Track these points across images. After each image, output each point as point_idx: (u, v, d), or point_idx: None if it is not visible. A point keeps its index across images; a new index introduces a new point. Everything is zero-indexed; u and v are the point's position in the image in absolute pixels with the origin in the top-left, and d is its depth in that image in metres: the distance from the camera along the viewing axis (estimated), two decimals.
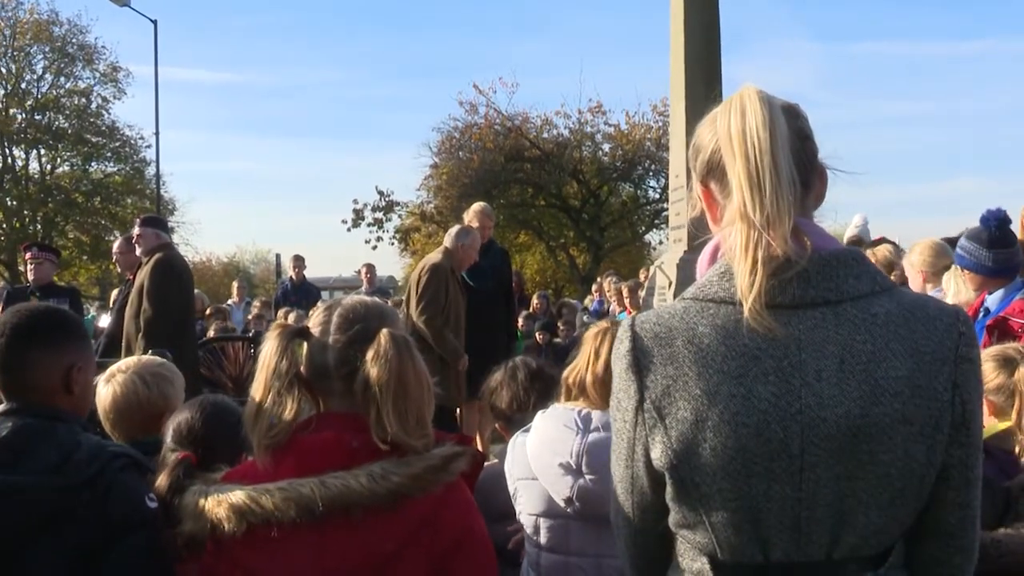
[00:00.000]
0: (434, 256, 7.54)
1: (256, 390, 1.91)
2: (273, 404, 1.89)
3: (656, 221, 29.16)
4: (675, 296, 7.86)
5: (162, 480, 2.12)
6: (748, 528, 1.48)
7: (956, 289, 4.55)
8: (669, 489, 1.54)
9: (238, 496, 1.84)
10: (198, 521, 1.88)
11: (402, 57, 71.86)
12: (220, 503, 1.85)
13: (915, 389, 1.44)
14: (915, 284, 5.05)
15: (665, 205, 26.82)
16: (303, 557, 1.86)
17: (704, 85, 8.15)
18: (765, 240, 1.44)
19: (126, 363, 2.94)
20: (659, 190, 28.15)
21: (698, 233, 1.69)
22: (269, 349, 1.93)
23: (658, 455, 1.52)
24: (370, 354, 1.91)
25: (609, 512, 1.75)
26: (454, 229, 7.84)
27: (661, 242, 29.17)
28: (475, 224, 8.10)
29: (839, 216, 8.64)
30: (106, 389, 2.83)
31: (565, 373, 2.85)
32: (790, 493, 1.45)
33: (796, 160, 1.49)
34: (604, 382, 2.67)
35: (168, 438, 2.53)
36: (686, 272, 7.68)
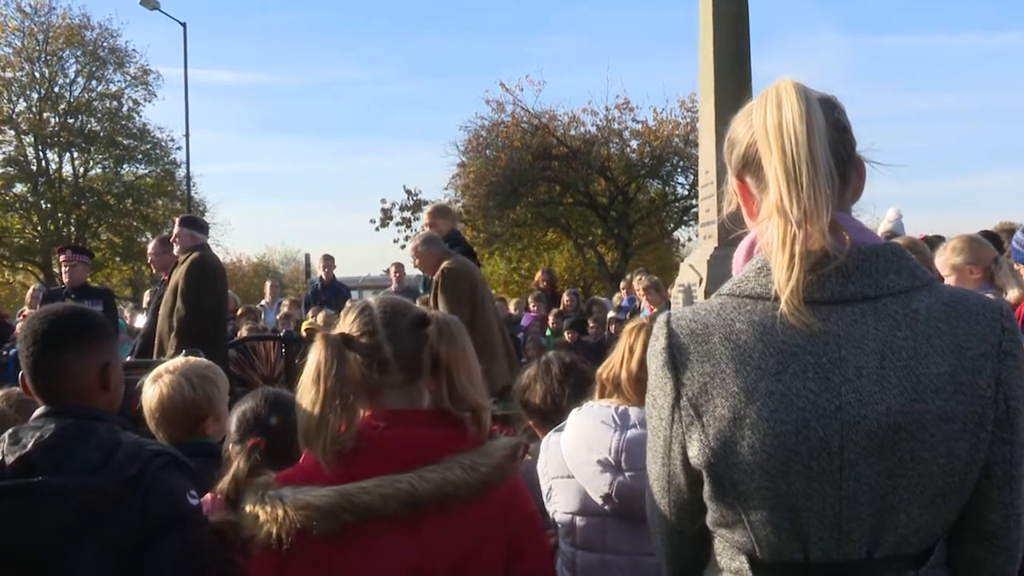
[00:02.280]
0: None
1: (312, 400, 1.93)
2: (336, 410, 1.92)
3: (685, 218, 28.98)
4: (705, 293, 7.84)
5: (240, 465, 2.13)
6: (787, 527, 1.46)
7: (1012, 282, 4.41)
8: (706, 487, 1.52)
9: (326, 496, 1.87)
10: (259, 529, 1.90)
11: (429, 56, 71.94)
12: (301, 506, 1.87)
13: (957, 386, 1.41)
14: (951, 283, 4.96)
15: (694, 202, 26.71)
16: (398, 551, 1.92)
17: (733, 80, 8.09)
18: (802, 235, 1.42)
19: (173, 363, 2.96)
20: (687, 187, 27.99)
21: (733, 228, 1.67)
22: (321, 357, 1.95)
23: (695, 453, 1.51)
24: (434, 334, 2.03)
25: (642, 510, 1.75)
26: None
27: (690, 239, 29.03)
28: (428, 227, 7.93)
29: (877, 210, 8.55)
30: (153, 389, 2.86)
31: (600, 370, 2.84)
32: (830, 491, 1.43)
33: (834, 153, 1.47)
34: (639, 379, 2.66)
35: (232, 427, 2.57)
36: (717, 268, 7.63)
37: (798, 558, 1.48)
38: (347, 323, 2.06)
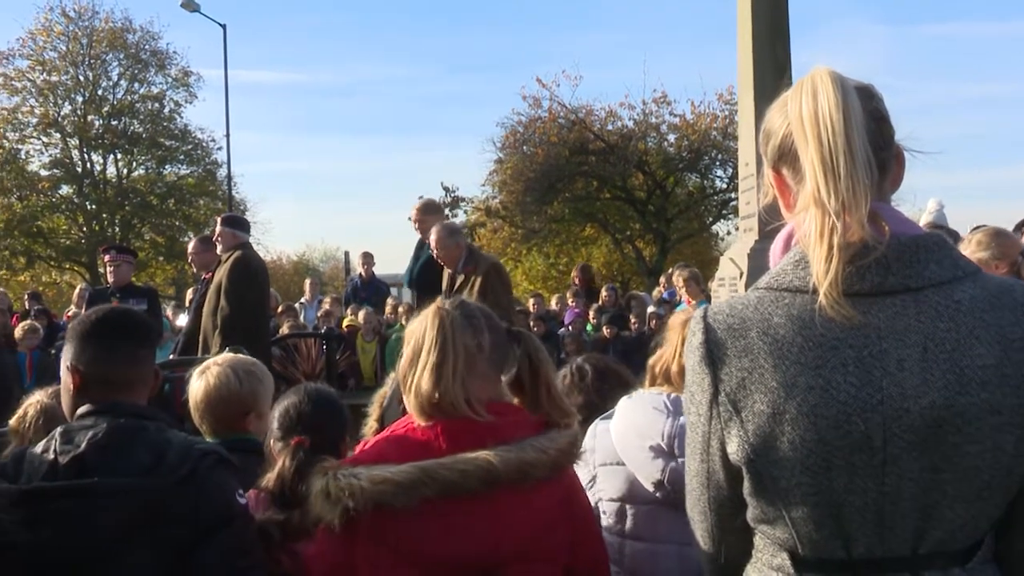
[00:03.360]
0: None
1: (434, 368, 2.03)
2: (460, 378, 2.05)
3: (724, 211, 28.75)
4: (746, 286, 7.77)
5: (286, 463, 2.17)
6: (829, 523, 1.44)
7: None
8: (747, 483, 1.51)
9: (405, 471, 1.93)
10: (333, 504, 1.95)
11: (465, 52, 72.12)
12: (379, 480, 1.93)
13: (1003, 378, 1.39)
14: None
15: (733, 195, 26.50)
16: (474, 528, 1.98)
17: (772, 71, 8.01)
18: (841, 226, 1.40)
19: (221, 358, 3.01)
20: (726, 180, 27.76)
21: (770, 220, 1.66)
22: (444, 325, 2.07)
23: (734, 449, 1.49)
24: (527, 344, 2.20)
25: None
26: None
27: (729, 232, 28.79)
28: (415, 223, 7.68)
29: (917, 200, 8.42)
30: (200, 381, 2.90)
31: (651, 361, 2.84)
32: (872, 487, 1.41)
33: (871, 142, 1.45)
34: None
35: (274, 424, 2.60)
36: (757, 262, 7.56)
37: (840, 555, 1.46)
38: (459, 321, 2.13)
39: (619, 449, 2.75)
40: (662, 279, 14.19)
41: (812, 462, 1.42)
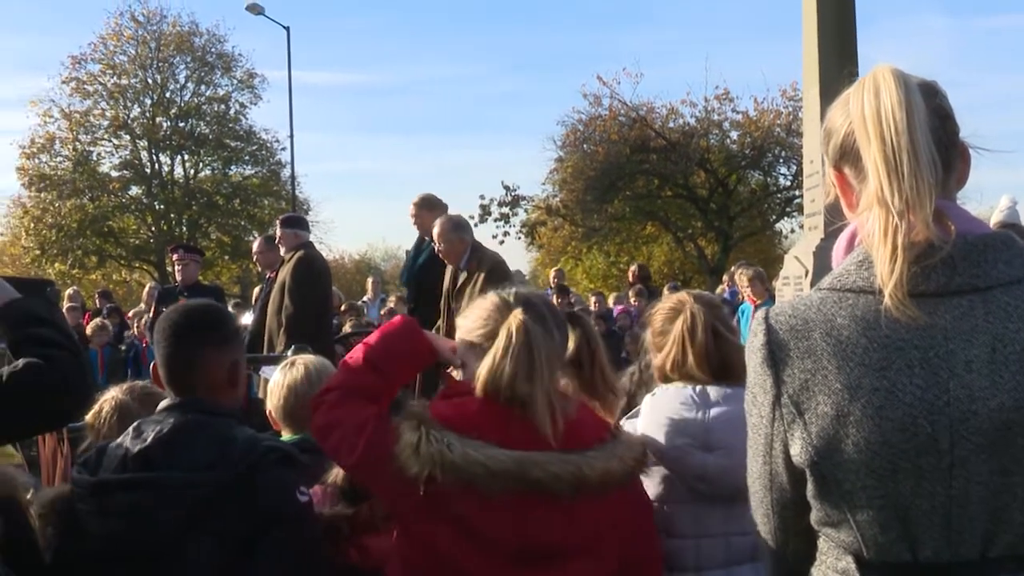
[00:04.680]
0: None
1: (525, 372, 2.04)
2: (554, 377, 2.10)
3: (787, 209, 28.40)
4: (812, 285, 7.66)
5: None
6: (895, 526, 1.42)
7: None
8: (810, 486, 1.49)
9: (502, 462, 1.96)
10: (420, 464, 1.96)
11: (526, 51, 72.23)
12: (473, 462, 1.95)
13: None
14: None
15: (797, 192, 26.13)
16: (550, 524, 2.02)
17: (838, 67, 7.88)
18: (905, 225, 1.38)
19: (303, 357, 3.07)
20: (790, 177, 27.40)
21: (833, 220, 1.64)
22: (532, 327, 2.09)
23: (798, 451, 1.48)
24: (585, 327, 2.27)
25: (737, 488, 1.75)
26: None
27: (793, 230, 28.45)
28: (412, 218, 7.43)
29: (984, 198, 8.21)
30: (282, 378, 2.95)
31: (659, 361, 2.77)
32: (940, 490, 1.39)
33: (935, 140, 1.42)
34: (708, 358, 2.64)
35: None
36: (823, 260, 7.46)
37: (907, 558, 1.44)
38: (533, 313, 2.16)
39: (651, 449, 2.73)
40: (725, 278, 14.08)
41: (877, 465, 1.40)
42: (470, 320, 2.23)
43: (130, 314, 13.63)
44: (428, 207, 7.26)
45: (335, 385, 2.19)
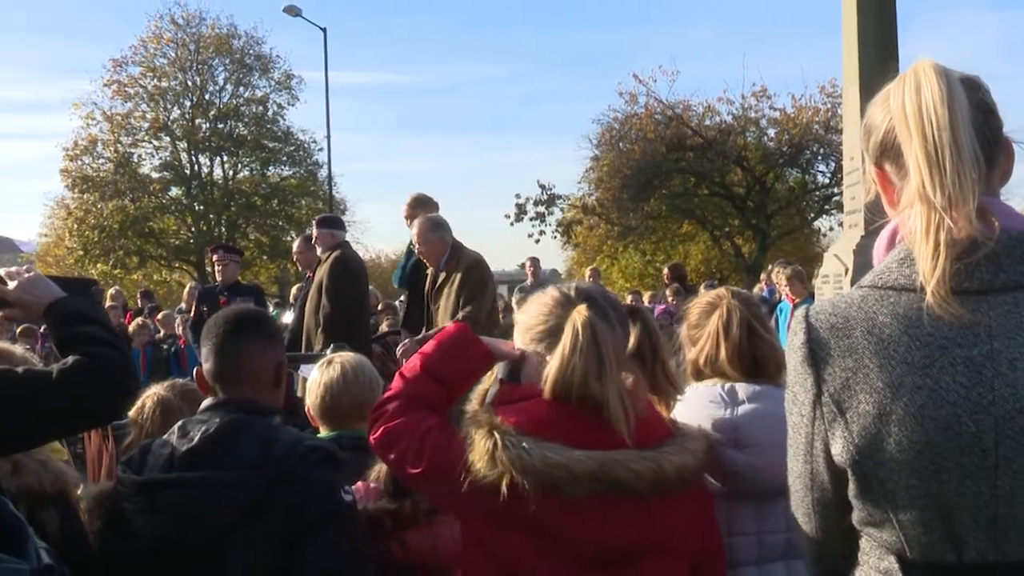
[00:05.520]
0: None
1: (595, 372, 2.01)
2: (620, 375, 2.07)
3: (826, 207, 28.11)
4: (852, 283, 7.58)
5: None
6: (939, 526, 1.41)
7: None
8: (852, 486, 1.48)
9: (583, 462, 1.92)
10: (498, 471, 1.92)
11: (560, 50, 72.14)
12: (554, 464, 1.91)
13: None
14: None
15: (836, 190, 25.88)
16: (628, 524, 1.98)
17: (879, 62, 7.80)
18: (948, 222, 1.37)
19: (340, 355, 3.09)
20: (828, 174, 27.15)
21: (873, 218, 1.63)
22: (599, 327, 2.05)
23: (839, 450, 1.47)
24: (646, 321, 2.25)
25: (768, 486, 1.74)
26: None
27: (832, 228, 28.18)
28: (405, 218, 7.20)
29: None
30: (320, 376, 2.98)
31: (692, 356, 2.77)
32: (984, 490, 1.37)
33: (978, 135, 1.41)
34: (741, 355, 2.63)
35: None
36: (863, 258, 7.39)
37: (951, 559, 1.42)
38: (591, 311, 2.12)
39: None
40: (762, 276, 13.96)
41: (920, 464, 1.39)
42: (530, 316, 2.19)
43: (159, 316, 13.81)
44: (420, 205, 7.18)
45: (393, 396, 2.16)
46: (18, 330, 11.44)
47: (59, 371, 2.03)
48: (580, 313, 2.03)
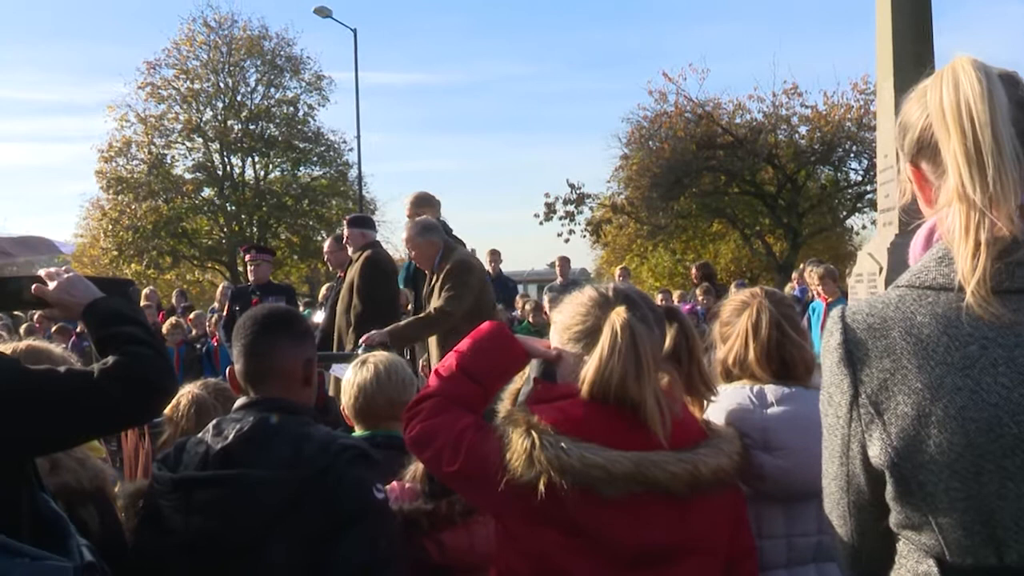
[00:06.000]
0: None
1: (633, 374, 2.00)
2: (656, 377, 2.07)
3: (859, 205, 27.85)
4: (886, 282, 7.52)
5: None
6: (980, 529, 1.39)
7: None
8: (890, 488, 1.47)
9: (621, 463, 1.93)
10: (536, 472, 1.93)
11: (590, 48, 71.88)
12: (591, 464, 1.92)
13: None
14: None
15: (868, 188, 25.62)
16: (663, 525, 1.99)
17: (914, 57, 7.71)
18: (988, 220, 1.35)
19: (375, 355, 3.11)
20: (861, 172, 26.89)
21: (909, 219, 1.61)
22: (638, 329, 2.04)
23: (876, 452, 1.45)
24: (682, 322, 2.23)
25: (797, 489, 1.73)
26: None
27: (864, 226, 27.92)
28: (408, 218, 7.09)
29: None
30: (355, 376, 3.00)
31: (721, 355, 2.76)
32: None
33: (1018, 132, 1.38)
34: (770, 356, 2.62)
35: None
36: (897, 257, 7.31)
37: (992, 562, 1.40)
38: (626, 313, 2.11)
39: None
40: (794, 275, 13.86)
41: (961, 466, 1.37)
42: (567, 316, 2.19)
43: (191, 316, 13.95)
44: (422, 205, 7.17)
45: (429, 394, 2.17)
46: (53, 329, 11.61)
47: (100, 371, 2.06)
48: (619, 315, 2.03)
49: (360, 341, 6.12)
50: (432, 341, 6.26)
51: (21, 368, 2.01)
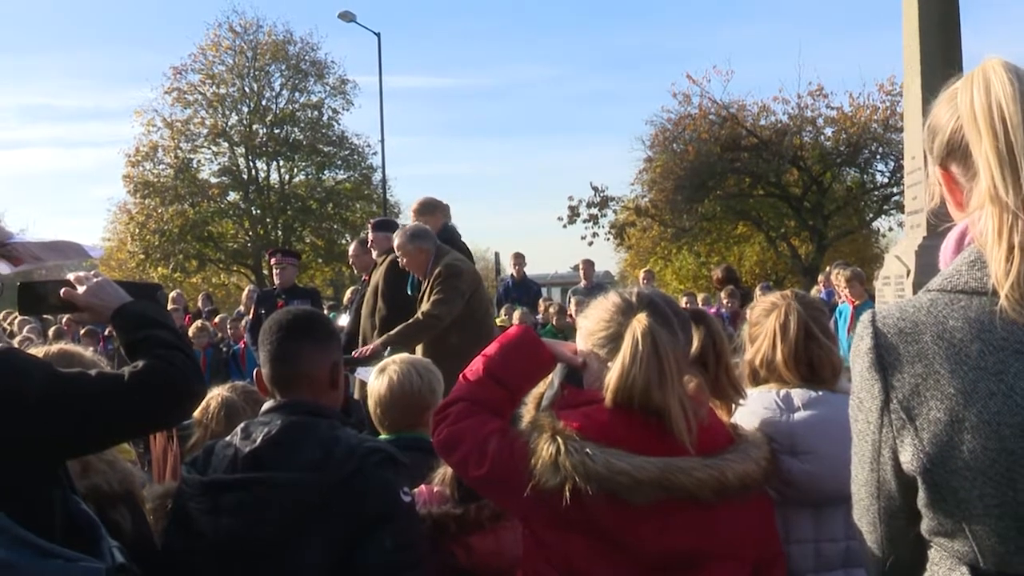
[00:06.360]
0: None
1: (657, 381, 1.99)
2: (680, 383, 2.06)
3: (885, 207, 27.63)
4: (914, 285, 7.45)
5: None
6: (1015, 536, 1.37)
7: None
8: (922, 494, 1.45)
9: (647, 469, 1.93)
10: (561, 478, 1.93)
11: (613, 51, 71.94)
12: (617, 471, 1.92)
13: None
14: None
15: (895, 189, 25.41)
16: (690, 531, 1.99)
17: (942, 58, 7.64)
18: (1021, 223, 1.34)
19: (399, 357, 3.13)
20: (888, 174, 26.69)
21: (938, 223, 1.59)
22: (661, 336, 2.03)
23: (908, 458, 1.44)
24: (710, 325, 2.21)
25: (824, 494, 1.71)
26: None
27: (891, 228, 27.70)
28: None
29: None
30: (381, 379, 3.01)
31: (748, 356, 2.75)
32: None
33: None
34: (797, 358, 2.61)
35: None
36: (926, 259, 7.25)
37: None
38: (650, 316, 2.10)
39: None
40: (820, 278, 13.78)
41: (995, 472, 1.35)
42: (591, 322, 2.19)
43: (215, 320, 14.05)
44: (425, 211, 7.10)
45: (456, 399, 2.18)
46: (81, 332, 11.72)
47: (130, 374, 2.07)
48: (640, 322, 2.02)
49: (353, 354, 6.14)
50: (419, 347, 6.22)
51: (54, 371, 2.03)
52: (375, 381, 3.02)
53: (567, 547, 2.01)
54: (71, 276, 2.32)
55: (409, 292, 6.74)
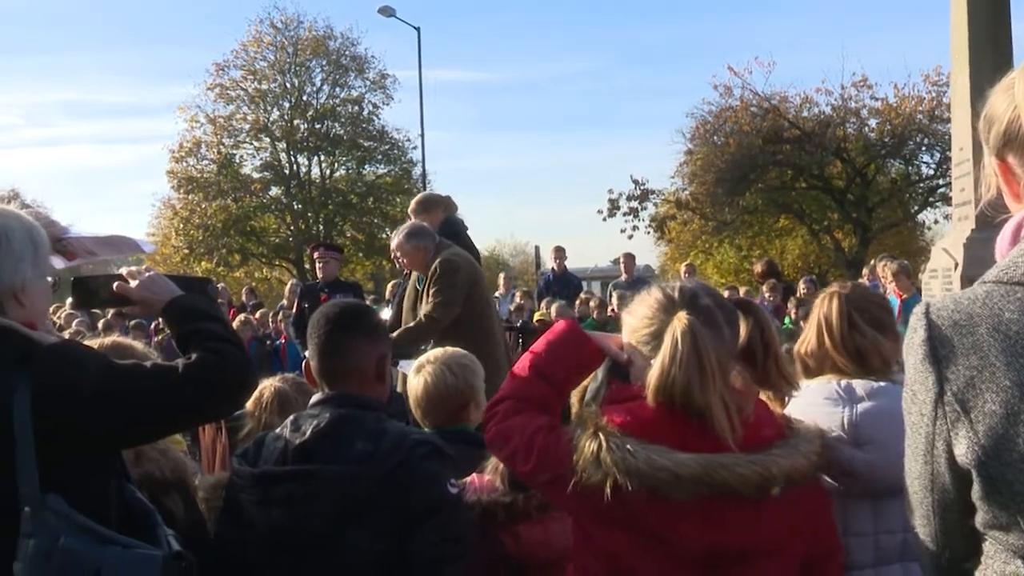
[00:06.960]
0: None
1: (698, 381, 1.97)
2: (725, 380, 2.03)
3: (931, 199, 27.18)
4: (962, 278, 7.33)
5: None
6: None
7: None
8: (976, 487, 1.44)
9: (689, 465, 1.92)
10: (603, 473, 1.94)
11: (654, 43, 71.52)
12: (659, 467, 1.91)
13: None
14: None
15: (941, 181, 24.99)
16: (738, 528, 1.98)
17: (991, 48, 7.48)
18: None
19: (434, 354, 3.13)
20: (933, 165, 26.24)
21: (994, 214, 1.57)
22: (699, 332, 2.00)
23: (963, 451, 1.43)
24: (758, 315, 2.17)
25: (885, 485, 1.70)
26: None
27: (937, 221, 27.25)
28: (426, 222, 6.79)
29: None
30: (417, 379, 3.03)
31: (797, 347, 2.73)
32: None
33: None
34: (846, 348, 2.60)
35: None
36: (974, 252, 7.12)
37: None
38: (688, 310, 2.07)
39: None
40: (865, 271, 13.61)
41: None
42: (635, 318, 2.18)
43: (257, 314, 14.20)
44: (426, 207, 7.01)
45: (504, 396, 2.20)
46: (130, 324, 11.91)
47: (184, 366, 2.11)
48: (680, 320, 2.00)
49: None
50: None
51: (109, 363, 2.08)
52: (412, 380, 3.04)
53: (612, 543, 2.02)
54: (123, 271, 2.37)
55: (418, 287, 6.74)
